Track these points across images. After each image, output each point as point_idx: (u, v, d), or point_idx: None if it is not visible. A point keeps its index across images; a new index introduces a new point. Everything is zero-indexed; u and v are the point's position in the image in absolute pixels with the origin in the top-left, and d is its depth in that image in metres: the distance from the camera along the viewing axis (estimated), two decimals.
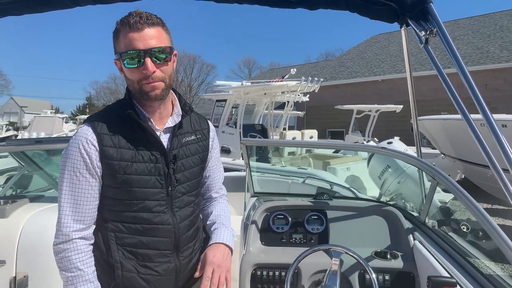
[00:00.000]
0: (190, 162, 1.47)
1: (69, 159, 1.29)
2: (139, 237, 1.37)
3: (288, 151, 8.59)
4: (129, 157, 1.31)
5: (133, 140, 1.33)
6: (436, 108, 11.45)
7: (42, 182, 3.73)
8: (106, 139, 1.30)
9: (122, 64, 1.30)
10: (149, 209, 1.36)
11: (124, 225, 1.36)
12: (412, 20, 1.78)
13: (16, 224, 2.21)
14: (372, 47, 25.22)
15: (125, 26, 1.25)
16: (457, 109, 1.52)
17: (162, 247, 1.40)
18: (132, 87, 1.34)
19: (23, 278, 2.13)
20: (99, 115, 1.36)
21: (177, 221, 1.43)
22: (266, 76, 29.87)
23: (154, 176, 1.36)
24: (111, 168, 1.30)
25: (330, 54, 53.09)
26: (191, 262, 1.52)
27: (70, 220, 1.29)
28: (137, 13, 1.27)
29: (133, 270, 1.37)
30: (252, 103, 11.77)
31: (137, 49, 1.25)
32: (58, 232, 1.30)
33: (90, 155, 1.28)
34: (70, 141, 1.31)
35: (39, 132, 17.26)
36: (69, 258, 1.28)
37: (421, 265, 2.04)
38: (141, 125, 1.33)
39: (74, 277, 1.28)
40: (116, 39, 1.29)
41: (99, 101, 57.95)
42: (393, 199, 5.44)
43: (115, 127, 1.32)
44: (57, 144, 2.82)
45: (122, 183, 1.32)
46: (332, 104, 17.58)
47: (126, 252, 1.36)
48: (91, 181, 1.30)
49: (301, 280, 2.13)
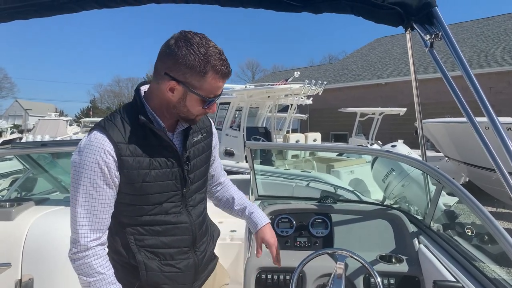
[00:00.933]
0: (199, 161, 1.52)
1: (85, 169, 1.27)
2: (159, 238, 1.42)
3: (291, 154, 8.58)
4: (146, 164, 1.33)
5: (148, 147, 1.34)
6: (440, 111, 11.43)
7: (47, 184, 3.75)
8: (123, 149, 1.29)
9: (191, 97, 1.31)
10: (166, 211, 1.41)
11: (144, 228, 1.40)
12: (417, 24, 1.77)
13: (21, 226, 2.22)
14: (376, 50, 25.20)
15: (218, 75, 1.29)
16: (462, 112, 1.52)
17: (182, 245, 1.47)
18: (181, 112, 1.36)
19: (29, 280, 2.14)
20: (112, 122, 1.33)
21: (193, 219, 1.49)
22: (270, 79, 29.90)
23: (171, 180, 1.40)
24: (130, 177, 1.31)
25: (334, 57, 53.12)
26: (206, 256, 1.59)
27: (87, 231, 1.30)
28: (227, 64, 1.31)
29: (157, 269, 1.42)
30: (256, 106, 11.77)
31: (217, 96, 1.34)
32: (76, 243, 1.30)
33: (109, 165, 1.28)
34: (84, 150, 1.28)
35: (43, 134, 17.33)
36: (89, 264, 1.30)
37: (427, 269, 2.03)
38: (155, 133, 1.35)
39: (96, 281, 1.30)
40: (198, 75, 1.27)
41: (103, 103, 58.24)
42: (397, 202, 5.42)
43: (129, 135, 1.32)
44: (62, 147, 2.83)
45: (140, 190, 1.34)
46: (335, 107, 17.55)
47: (148, 252, 1.41)
48: (108, 191, 1.31)
49: (305, 284, 2.13)
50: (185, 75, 1.27)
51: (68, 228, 1.25)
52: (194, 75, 1.27)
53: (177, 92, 1.31)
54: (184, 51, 1.25)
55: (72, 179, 1.29)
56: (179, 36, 1.28)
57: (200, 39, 1.27)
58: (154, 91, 1.37)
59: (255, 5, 1.88)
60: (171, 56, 1.27)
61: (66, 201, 2.63)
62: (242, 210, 1.76)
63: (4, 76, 53.84)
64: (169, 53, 1.27)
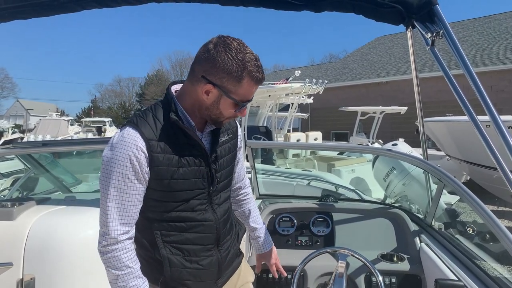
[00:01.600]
0: (226, 161, 1.56)
1: (118, 164, 1.30)
2: (184, 234, 1.45)
3: (292, 153, 8.57)
4: (175, 162, 1.37)
5: (177, 145, 1.38)
6: (441, 110, 11.41)
7: (48, 184, 3.75)
8: (154, 145, 1.33)
9: (225, 101, 1.35)
10: (192, 208, 1.44)
11: (170, 224, 1.43)
12: (418, 22, 1.77)
13: (23, 226, 2.22)
14: (376, 49, 25.18)
15: (253, 81, 1.33)
16: (464, 110, 1.52)
17: (205, 242, 1.49)
18: (213, 114, 1.40)
19: (30, 280, 2.14)
20: (143, 119, 1.37)
21: (218, 217, 1.52)
22: (270, 78, 29.89)
23: (198, 178, 1.43)
24: (159, 173, 1.35)
25: (334, 56, 53.04)
26: (230, 254, 1.62)
27: (117, 224, 1.33)
28: (262, 70, 1.35)
29: (180, 265, 1.45)
30: (256, 105, 11.78)
31: (250, 100, 1.39)
32: (106, 235, 1.33)
33: (140, 161, 1.31)
34: (116, 145, 1.31)
35: (44, 134, 17.34)
36: (119, 257, 1.33)
37: (428, 267, 2.03)
38: (185, 132, 1.38)
39: (124, 275, 1.34)
40: (234, 81, 1.31)
41: (104, 103, 58.20)
42: (398, 201, 5.42)
43: (160, 133, 1.35)
44: (63, 147, 2.83)
45: (168, 187, 1.38)
46: (336, 106, 17.55)
47: (173, 248, 1.44)
48: (138, 186, 1.34)
49: (307, 283, 2.13)
50: (222, 80, 1.31)
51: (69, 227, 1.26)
52: (231, 80, 1.30)
53: (212, 95, 1.34)
54: (223, 56, 1.28)
55: (103, 173, 1.33)
56: (218, 41, 1.31)
57: (238, 45, 1.31)
58: (187, 92, 1.40)
59: (255, 3, 1.87)
60: (209, 60, 1.29)
61: (68, 200, 2.63)
62: (256, 227, 1.87)
63: (5, 76, 53.90)
64: (208, 57, 1.30)
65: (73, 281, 2.14)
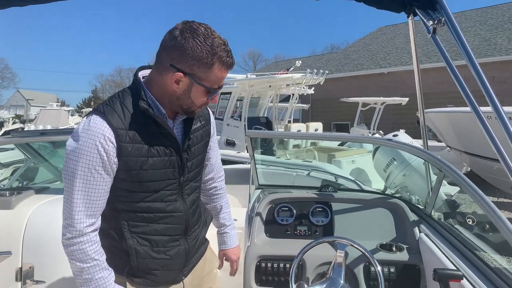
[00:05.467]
0: (198, 149, 1.53)
1: (83, 155, 1.24)
2: (152, 225, 1.42)
3: (293, 143, 8.56)
4: (145, 152, 1.32)
5: (147, 134, 1.33)
6: (442, 101, 11.36)
7: (48, 174, 3.75)
8: (123, 135, 1.28)
9: (196, 89, 1.31)
10: (162, 199, 1.41)
11: (137, 215, 1.39)
12: (420, 10, 1.75)
13: (21, 215, 2.22)
14: (378, 39, 25.01)
15: (224, 66, 1.29)
16: (465, 101, 1.50)
17: (174, 233, 1.47)
18: (184, 104, 1.35)
19: (29, 269, 2.14)
20: (111, 107, 1.30)
21: (187, 207, 1.50)
22: (271, 68, 29.77)
23: (169, 169, 1.39)
24: (127, 164, 1.30)
25: (336, 47, 52.82)
26: (197, 243, 1.62)
27: (83, 216, 1.29)
28: (232, 55, 1.32)
29: (147, 256, 1.42)
30: (257, 95, 11.70)
31: (220, 86, 1.35)
32: (70, 228, 1.28)
33: (108, 152, 1.26)
34: (82, 135, 1.25)
35: (45, 125, 17.32)
36: (84, 250, 1.29)
37: (427, 258, 2.03)
38: (155, 120, 1.33)
39: (90, 267, 1.31)
40: (204, 68, 1.27)
41: (105, 94, 58.11)
42: (398, 192, 5.41)
43: (129, 122, 1.30)
44: (61, 136, 2.82)
45: (137, 177, 1.33)
46: (337, 97, 17.49)
47: (140, 239, 1.41)
48: (105, 177, 1.29)
49: (305, 272, 2.13)
50: (192, 67, 1.26)
51: None
52: (201, 67, 1.26)
53: (182, 84, 1.30)
54: (191, 43, 1.23)
55: (68, 164, 1.26)
56: (184, 27, 1.25)
57: (205, 30, 1.26)
58: (155, 81, 1.35)
59: None
60: (177, 48, 1.25)
61: None
62: (224, 224, 1.87)
63: (5, 66, 53.81)
64: (175, 45, 1.25)
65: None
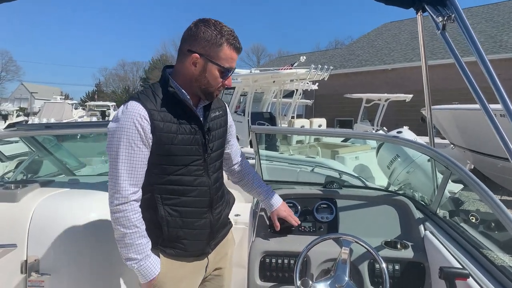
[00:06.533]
0: (218, 134, 1.75)
1: (125, 132, 1.48)
2: (182, 198, 1.61)
3: (296, 139, 8.54)
4: (175, 129, 1.55)
5: (175, 115, 1.56)
6: (447, 98, 11.27)
7: (52, 167, 3.75)
8: (155, 114, 1.51)
9: (210, 68, 1.55)
10: (190, 173, 1.61)
11: (168, 188, 1.59)
12: (429, 6, 1.73)
13: (27, 208, 2.22)
14: (383, 35, 24.86)
15: (232, 47, 1.56)
16: (475, 98, 1.48)
17: (200, 205, 1.66)
18: (199, 84, 1.58)
19: (34, 262, 2.14)
20: (144, 94, 1.56)
21: (212, 183, 1.69)
22: (275, 63, 29.67)
23: (194, 146, 1.60)
24: (160, 139, 1.52)
25: (340, 42, 52.53)
26: (221, 219, 1.79)
27: (127, 185, 1.51)
28: (239, 41, 1.58)
29: (177, 226, 1.61)
30: (261, 91, 11.68)
31: (232, 68, 1.59)
32: (117, 194, 1.50)
33: (144, 128, 1.49)
34: (121, 117, 1.50)
35: (49, 118, 17.40)
36: (128, 217, 1.51)
37: (432, 255, 2.02)
38: (182, 103, 1.58)
39: (132, 233, 1.52)
40: (216, 49, 1.53)
41: (108, 87, 58.22)
42: (401, 188, 5.40)
43: (159, 104, 1.54)
44: (66, 130, 2.82)
45: (169, 151, 1.55)
46: (341, 93, 17.41)
47: (171, 210, 1.60)
48: (144, 150, 1.52)
49: (310, 269, 2.12)
50: (205, 48, 1.53)
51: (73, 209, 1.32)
52: (212, 46, 1.52)
53: (198, 65, 1.55)
54: (203, 29, 1.52)
55: (112, 142, 1.50)
56: (198, 21, 1.56)
57: (215, 21, 1.55)
58: (178, 70, 1.61)
59: None
60: (192, 36, 1.54)
61: (71, 183, 2.62)
62: (260, 192, 2.08)
63: (10, 59, 53.90)
64: (191, 34, 1.54)
65: (77, 263, 2.15)
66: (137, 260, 1.54)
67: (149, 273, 1.56)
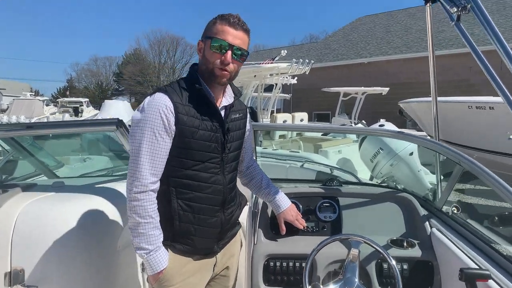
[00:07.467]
0: (236, 135, 1.76)
1: (149, 122, 1.51)
2: (196, 193, 1.61)
3: (279, 134, 8.48)
4: (197, 124, 1.57)
5: (199, 111, 1.59)
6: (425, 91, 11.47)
7: (29, 167, 3.54)
8: (180, 107, 1.54)
9: (207, 45, 1.58)
10: (207, 170, 1.62)
11: (184, 182, 1.60)
12: None
13: (9, 215, 2.06)
14: (358, 29, 25.12)
15: (225, 22, 1.56)
16: (495, 88, 1.43)
17: (213, 203, 1.66)
18: (205, 66, 1.60)
19: (19, 272, 1.99)
20: (171, 87, 1.59)
21: (226, 182, 1.70)
22: (252, 58, 29.51)
23: (214, 143, 1.62)
24: (182, 132, 1.55)
25: (315, 37, 52.71)
26: (232, 219, 1.79)
27: (147, 173, 1.52)
28: (237, 16, 1.59)
29: (188, 221, 1.61)
30: (240, 85, 11.59)
31: (226, 41, 1.55)
32: (137, 182, 1.51)
33: (169, 119, 1.52)
34: (147, 106, 1.53)
35: (18, 115, 16.69)
36: (145, 207, 1.52)
37: (441, 253, 1.98)
38: (206, 100, 1.60)
39: (146, 223, 1.53)
40: (210, 27, 1.58)
41: (80, 83, 56.56)
42: (384, 181, 5.43)
43: (185, 98, 1.57)
44: (49, 129, 2.65)
45: (189, 145, 1.57)
46: (318, 87, 17.51)
47: (184, 205, 1.60)
48: (167, 141, 1.54)
49: (316, 271, 2.05)
50: (206, 32, 1.60)
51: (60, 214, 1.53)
52: (209, 28, 1.59)
53: (201, 49, 1.62)
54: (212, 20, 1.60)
55: (136, 131, 1.53)
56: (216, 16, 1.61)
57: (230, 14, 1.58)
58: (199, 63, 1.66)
59: None
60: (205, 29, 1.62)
61: (55, 186, 2.45)
62: (268, 193, 2.05)
63: None
64: None
65: (66, 273, 2.00)
66: (148, 251, 1.54)
67: (158, 265, 1.57)
